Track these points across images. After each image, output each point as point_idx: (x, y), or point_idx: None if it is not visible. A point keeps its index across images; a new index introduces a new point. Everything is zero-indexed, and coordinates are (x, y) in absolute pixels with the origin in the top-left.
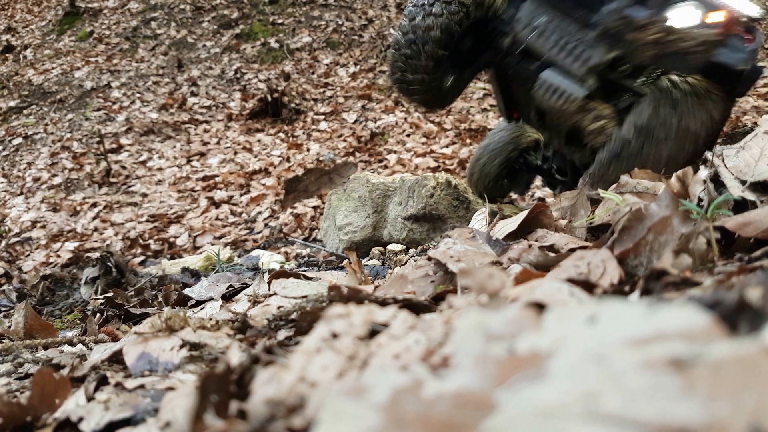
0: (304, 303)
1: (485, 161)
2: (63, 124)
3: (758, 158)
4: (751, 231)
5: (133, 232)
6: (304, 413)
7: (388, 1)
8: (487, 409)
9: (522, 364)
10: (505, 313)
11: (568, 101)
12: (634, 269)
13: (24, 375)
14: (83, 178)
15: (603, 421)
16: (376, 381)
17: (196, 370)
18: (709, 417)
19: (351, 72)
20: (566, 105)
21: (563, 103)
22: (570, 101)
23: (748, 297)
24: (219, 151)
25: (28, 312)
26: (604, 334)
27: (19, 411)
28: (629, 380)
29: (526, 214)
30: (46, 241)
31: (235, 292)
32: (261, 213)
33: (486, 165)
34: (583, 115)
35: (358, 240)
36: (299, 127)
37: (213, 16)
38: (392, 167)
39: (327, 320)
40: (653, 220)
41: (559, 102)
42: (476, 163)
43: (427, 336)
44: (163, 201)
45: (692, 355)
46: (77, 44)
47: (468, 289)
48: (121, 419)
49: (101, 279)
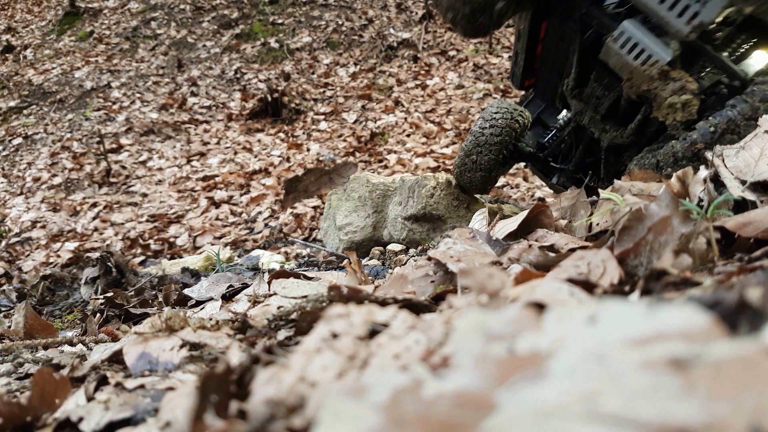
0: (304, 303)
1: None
2: (63, 124)
3: (758, 158)
4: (751, 231)
5: (133, 232)
6: (304, 413)
7: (388, 1)
8: (487, 409)
9: (522, 364)
10: (505, 313)
11: (649, 63)
12: (634, 269)
13: (24, 375)
14: (83, 178)
15: (603, 421)
16: (376, 381)
17: (196, 370)
18: (709, 417)
19: (351, 72)
20: (646, 67)
21: (642, 63)
22: (651, 64)
23: (748, 297)
24: (219, 151)
25: (28, 312)
26: (604, 334)
27: (19, 411)
28: (629, 380)
29: (526, 214)
30: (46, 241)
31: (235, 292)
32: (261, 213)
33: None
34: (664, 84)
35: (358, 240)
36: (299, 127)
37: (213, 16)
38: (392, 167)
39: (327, 320)
40: (653, 220)
41: (638, 61)
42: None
43: (427, 336)
44: (163, 201)
45: (692, 355)
46: (77, 44)
47: (468, 289)
48: (121, 419)
49: (101, 279)
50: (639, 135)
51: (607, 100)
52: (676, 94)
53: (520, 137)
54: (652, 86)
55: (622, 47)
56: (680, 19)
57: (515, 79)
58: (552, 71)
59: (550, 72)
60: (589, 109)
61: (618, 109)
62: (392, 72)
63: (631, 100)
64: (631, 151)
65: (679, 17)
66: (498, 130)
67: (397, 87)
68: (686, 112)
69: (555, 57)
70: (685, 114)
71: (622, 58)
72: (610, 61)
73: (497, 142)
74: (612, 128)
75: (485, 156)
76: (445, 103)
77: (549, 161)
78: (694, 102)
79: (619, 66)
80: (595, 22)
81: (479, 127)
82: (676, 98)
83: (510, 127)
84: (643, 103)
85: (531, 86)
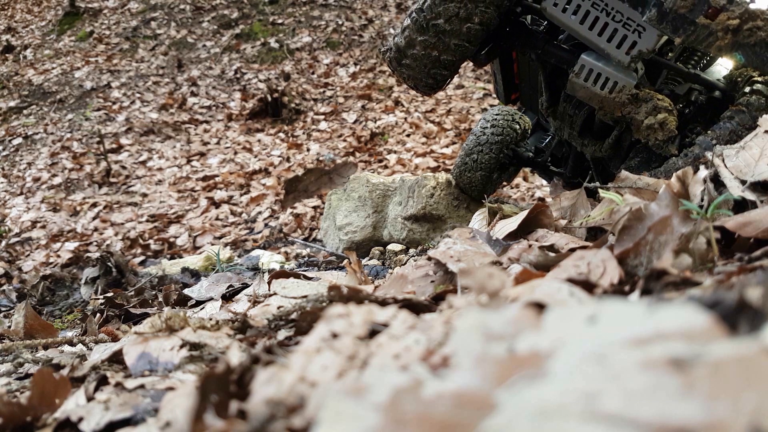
0: (304, 303)
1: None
2: (63, 124)
3: (758, 158)
4: (751, 231)
5: (133, 232)
6: (304, 413)
7: (388, 1)
8: (487, 409)
9: (522, 364)
10: (505, 313)
11: (617, 90)
12: (634, 269)
13: (24, 375)
14: (83, 178)
15: (603, 421)
16: (376, 381)
17: (196, 370)
18: (709, 417)
19: (351, 72)
20: (615, 94)
21: (610, 92)
22: (618, 90)
23: (748, 297)
24: (219, 151)
25: (28, 312)
26: (604, 334)
27: (19, 411)
28: (629, 380)
29: (526, 214)
30: (46, 241)
31: (235, 292)
32: (261, 213)
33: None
34: (637, 107)
35: (358, 240)
36: (299, 127)
37: (213, 16)
38: (392, 167)
39: (327, 320)
40: (653, 220)
41: (605, 91)
42: (467, 158)
43: (427, 336)
44: (163, 201)
45: (692, 355)
46: (77, 44)
47: (468, 289)
48: (121, 419)
49: (101, 279)
50: (617, 149)
51: (579, 118)
52: (651, 115)
53: (520, 141)
54: (624, 111)
55: (586, 80)
56: (620, 50)
57: (499, 95)
58: (531, 86)
59: (529, 86)
60: (565, 125)
61: (591, 125)
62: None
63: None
64: (614, 162)
65: (618, 48)
66: (499, 129)
67: (397, 87)
68: (665, 131)
69: (531, 74)
70: (665, 132)
71: (589, 90)
72: (578, 94)
73: (498, 141)
74: (590, 143)
75: (486, 155)
76: (445, 103)
77: (548, 166)
78: (671, 119)
79: (587, 97)
80: (554, 59)
81: (480, 127)
82: (651, 119)
83: (510, 128)
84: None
85: (517, 99)
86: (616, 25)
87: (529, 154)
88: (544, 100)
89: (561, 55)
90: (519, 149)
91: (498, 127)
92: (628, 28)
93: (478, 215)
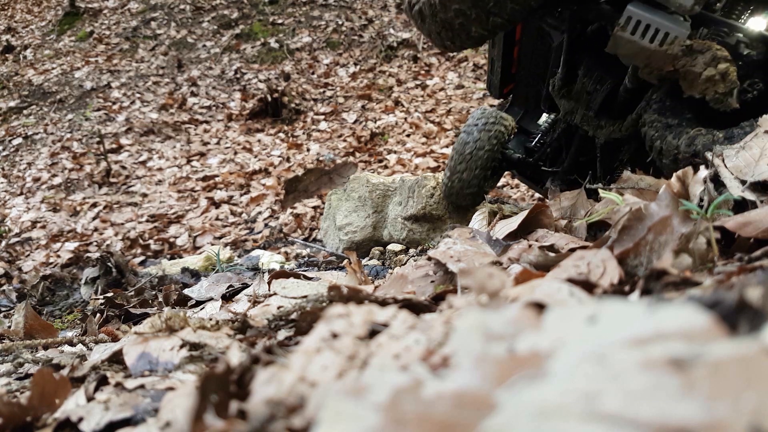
0: (304, 303)
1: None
2: (63, 124)
3: (758, 158)
4: (751, 231)
5: (133, 232)
6: (304, 413)
7: (388, 1)
8: (487, 409)
9: (522, 364)
10: (505, 313)
11: (669, 42)
12: (634, 269)
13: (24, 375)
14: (83, 178)
15: (603, 421)
16: (376, 381)
17: (196, 370)
18: (709, 417)
19: (351, 72)
20: (666, 47)
21: (660, 45)
22: (670, 42)
23: (748, 297)
24: (219, 151)
25: (28, 312)
26: (604, 334)
27: (19, 411)
28: (629, 380)
29: (526, 214)
30: (46, 241)
31: (235, 292)
32: (261, 213)
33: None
34: (693, 59)
35: (358, 240)
36: (299, 127)
37: (213, 16)
38: (392, 167)
39: (327, 320)
40: (653, 220)
41: (654, 43)
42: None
43: (427, 336)
44: (163, 201)
45: (692, 355)
46: (77, 44)
47: (468, 289)
48: (121, 419)
49: (101, 279)
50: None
51: (600, 94)
52: (710, 66)
53: (506, 144)
54: (678, 65)
55: (633, 33)
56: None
57: (493, 88)
58: (532, 74)
59: (529, 75)
60: (580, 106)
61: (611, 104)
62: (392, 72)
63: (632, 89)
64: (629, 145)
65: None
66: (482, 143)
67: (397, 87)
68: (728, 82)
69: (534, 58)
70: (727, 84)
71: (636, 44)
72: (620, 51)
73: (484, 157)
74: (608, 123)
75: (473, 172)
76: (445, 103)
77: (540, 165)
78: (732, 69)
79: (632, 53)
80: (592, 14)
81: (462, 142)
82: (712, 70)
83: (496, 138)
84: (644, 91)
85: (510, 93)
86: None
87: (518, 156)
88: (559, 78)
89: (602, 9)
90: (507, 151)
91: (481, 141)
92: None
93: (478, 215)
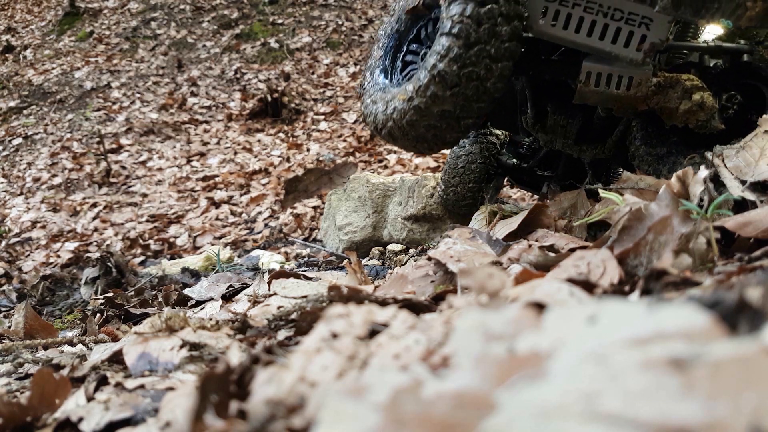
0: (304, 303)
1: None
2: (63, 124)
3: (758, 158)
4: (751, 231)
5: (133, 232)
6: (304, 413)
7: (388, 1)
8: (487, 409)
9: (522, 364)
10: (505, 313)
11: (635, 85)
12: (634, 269)
13: (24, 375)
14: (83, 178)
15: (603, 421)
16: (376, 381)
17: (196, 370)
18: (709, 417)
19: (351, 72)
20: (634, 90)
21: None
22: (637, 85)
23: (748, 297)
24: (219, 151)
25: (28, 312)
26: (604, 334)
27: (19, 411)
28: (629, 380)
29: (526, 214)
30: (46, 241)
31: (235, 292)
32: (261, 213)
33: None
34: (665, 95)
35: (358, 240)
36: (299, 127)
37: (213, 16)
38: (392, 167)
39: (327, 320)
40: (653, 220)
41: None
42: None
43: (427, 336)
44: (163, 201)
45: (692, 355)
46: (77, 44)
47: (468, 289)
48: (121, 419)
49: (101, 279)
50: (621, 145)
51: (574, 126)
52: (684, 99)
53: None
54: (651, 103)
55: (597, 85)
56: (629, 48)
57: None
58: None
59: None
60: (557, 137)
61: (587, 131)
62: None
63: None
64: (616, 160)
65: (626, 47)
66: (474, 157)
67: None
68: (706, 109)
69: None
70: (707, 112)
71: (603, 93)
72: (590, 101)
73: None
74: (589, 147)
75: (467, 185)
76: None
77: (535, 170)
78: (707, 95)
79: (601, 101)
80: (548, 75)
81: (455, 155)
82: (687, 103)
83: (488, 150)
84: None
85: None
86: (618, 24)
87: (513, 162)
88: (530, 117)
89: (557, 69)
90: (501, 158)
91: (473, 154)
92: (632, 23)
93: (478, 215)
